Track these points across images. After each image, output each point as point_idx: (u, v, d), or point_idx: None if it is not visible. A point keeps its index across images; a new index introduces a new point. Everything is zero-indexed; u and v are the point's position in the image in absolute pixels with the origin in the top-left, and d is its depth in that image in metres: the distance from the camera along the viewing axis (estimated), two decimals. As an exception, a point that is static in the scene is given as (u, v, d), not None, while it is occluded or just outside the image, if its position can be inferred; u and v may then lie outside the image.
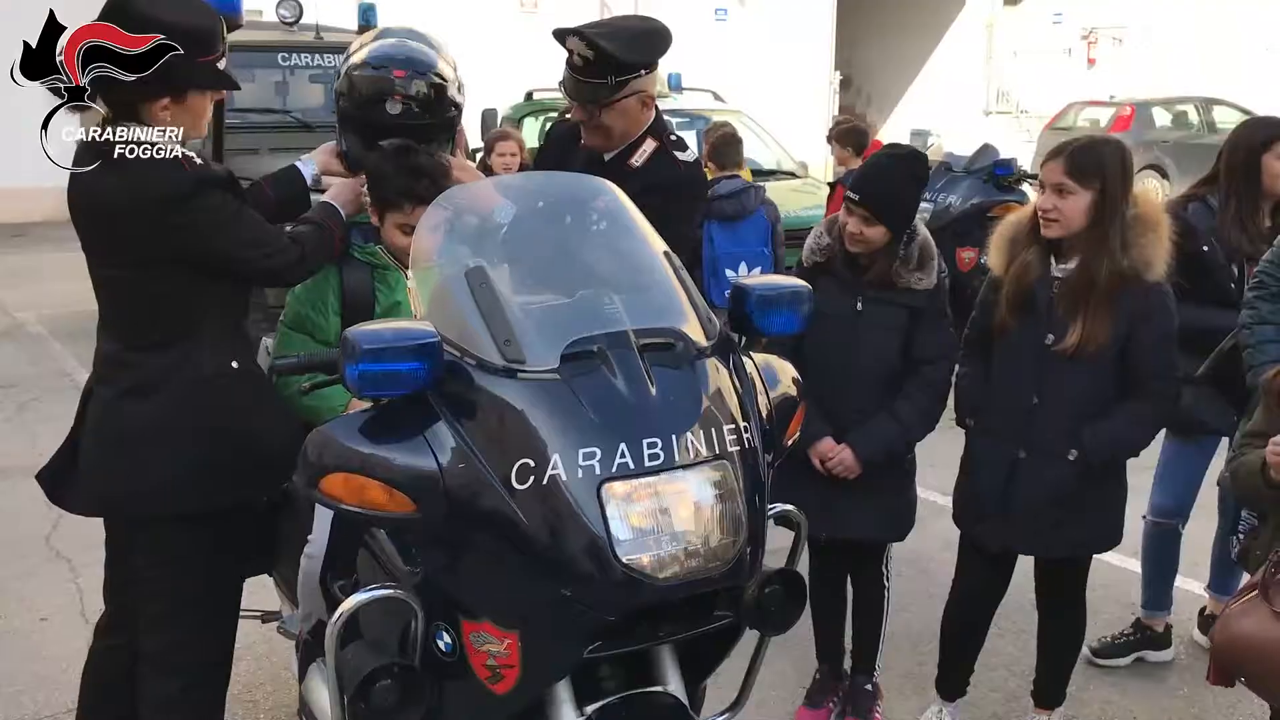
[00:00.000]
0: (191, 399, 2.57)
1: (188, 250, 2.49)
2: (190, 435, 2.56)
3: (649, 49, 3.12)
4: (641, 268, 2.35)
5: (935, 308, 3.40)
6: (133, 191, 2.43)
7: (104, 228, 2.50)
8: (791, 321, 2.41)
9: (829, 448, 3.39)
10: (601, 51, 2.99)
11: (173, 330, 2.56)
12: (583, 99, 3.12)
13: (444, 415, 2.09)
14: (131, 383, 2.58)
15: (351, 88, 3.00)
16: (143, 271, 2.51)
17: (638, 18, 3.21)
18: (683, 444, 2.06)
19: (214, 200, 2.48)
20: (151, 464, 2.56)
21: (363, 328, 2.06)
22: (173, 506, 2.58)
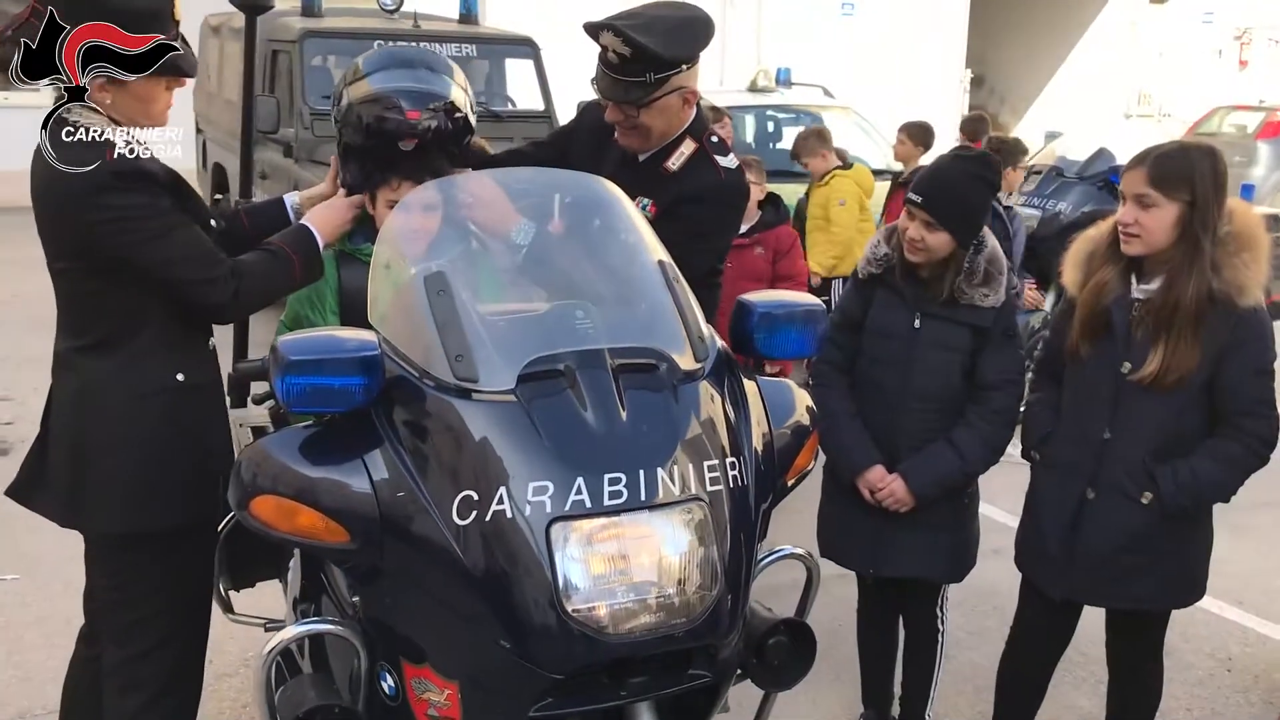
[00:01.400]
0: (135, 414, 2.39)
1: (103, 251, 2.31)
2: (134, 453, 2.40)
3: (691, 42, 2.81)
4: (630, 278, 2.11)
5: (1002, 328, 3.07)
6: (52, 178, 2.28)
7: (37, 214, 2.37)
8: (801, 345, 2.14)
9: (879, 477, 3.08)
10: (639, 48, 2.67)
11: (111, 333, 2.38)
12: (619, 99, 2.81)
13: (386, 436, 1.88)
14: (78, 386, 2.43)
15: (358, 122, 2.66)
16: (75, 266, 2.36)
17: (674, 4, 2.88)
18: (653, 481, 1.82)
19: (131, 200, 2.25)
20: (95, 479, 2.42)
21: (295, 335, 1.87)
22: (116, 525, 2.44)
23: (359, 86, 2.66)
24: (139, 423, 2.40)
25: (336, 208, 2.63)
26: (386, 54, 2.78)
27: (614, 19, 2.73)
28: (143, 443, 2.40)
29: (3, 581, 4.43)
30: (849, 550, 3.22)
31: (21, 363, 7.20)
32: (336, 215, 2.61)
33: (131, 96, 2.31)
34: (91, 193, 2.22)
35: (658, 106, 2.81)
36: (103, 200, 2.23)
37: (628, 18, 2.75)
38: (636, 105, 2.80)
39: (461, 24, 8.69)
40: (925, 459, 3.05)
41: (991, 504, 3.33)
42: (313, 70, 7.77)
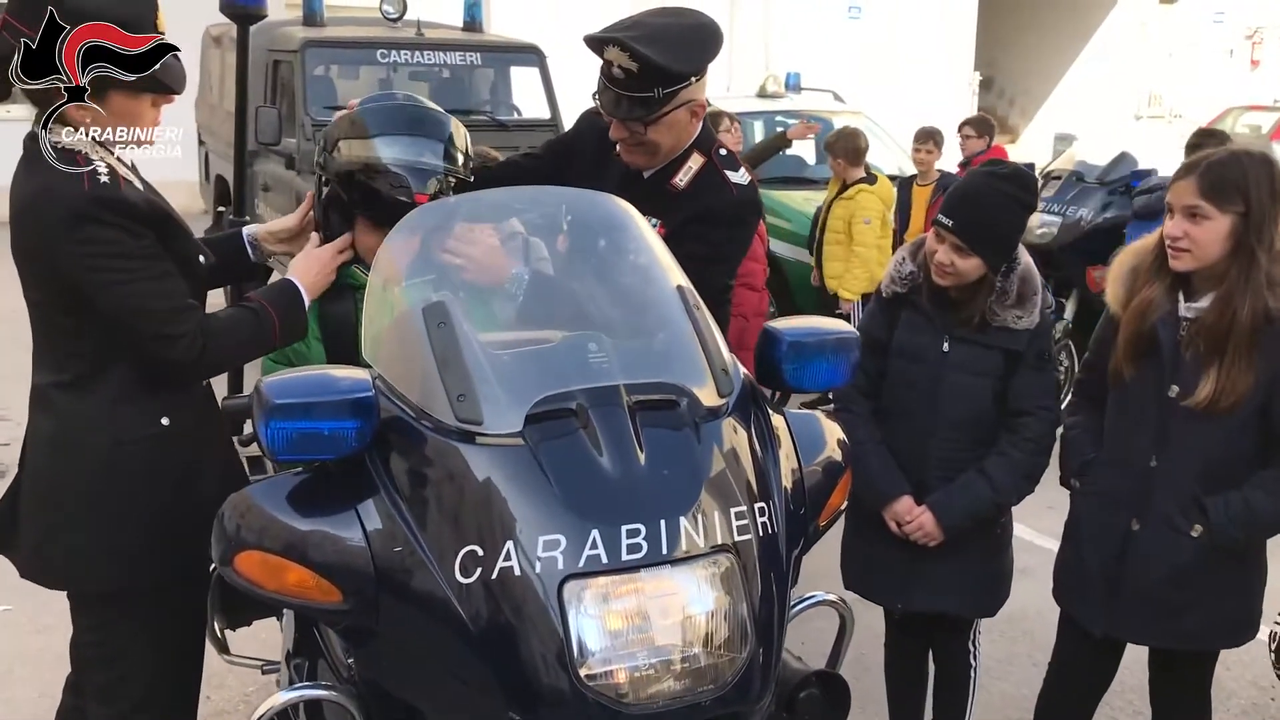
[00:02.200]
0: (113, 464, 2.22)
1: (73, 286, 2.14)
2: (112, 507, 2.23)
3: (700, 53, 2.63)
4: (647, 306, 1.95)
5: (1037, 351, 2.88)
6: (28, 201, 2.12)
7: (13, 239, 2.20)
8: (833, 375, 1.97)
9: (906, 509, 2.90)
10: (647, 62, 2.48)
11: (88, 371, 2.21)
12: (625, 116, 2.61)
13: (382, 484, 1.71)
14: (53, 430, 2.26)
15: (350, 181, 2.46)
16: (48, 298, 2.20)
17: (677, 11, 2.68)
18: (674, 532, 1.65)
19: (105, 235, 2.07)
20: (68, 535, 2.25)
21: (280, 375, 1.70)
22: (91, 584, 2.29)
23: (361, 145, 2.45)
24: (118, 473, 2.22)
25: (320, 258, 2.41)
26: (391, 113, 2.54)
27: (618, 31, 2.53)
28: (121, 496, 2.22)
29: (-8, 612, 4.28)
30: (876, 584, 3.05)
31: (17, 380, 7.01)
32: (321, 265, 2.41)
33: (113, 115, 2.14)
34: (67, 221, 2.06)
35: (665, 122, 2.63)
36: (77, 231, 2.06)
37: (631, 29, 2.55)
38: (643, 122, 2.61)
39: (465, 32, 8.52)
40: (956, 490, 2.87)
41: (1020, 522, 3.14)
42: (314, 80, 7.62)
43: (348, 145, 2.46)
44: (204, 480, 2.30)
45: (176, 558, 2.27)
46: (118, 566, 2.25)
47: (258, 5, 3.16)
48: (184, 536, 2.22)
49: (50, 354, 2.26)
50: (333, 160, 2.48)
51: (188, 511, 2.23)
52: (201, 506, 2.24)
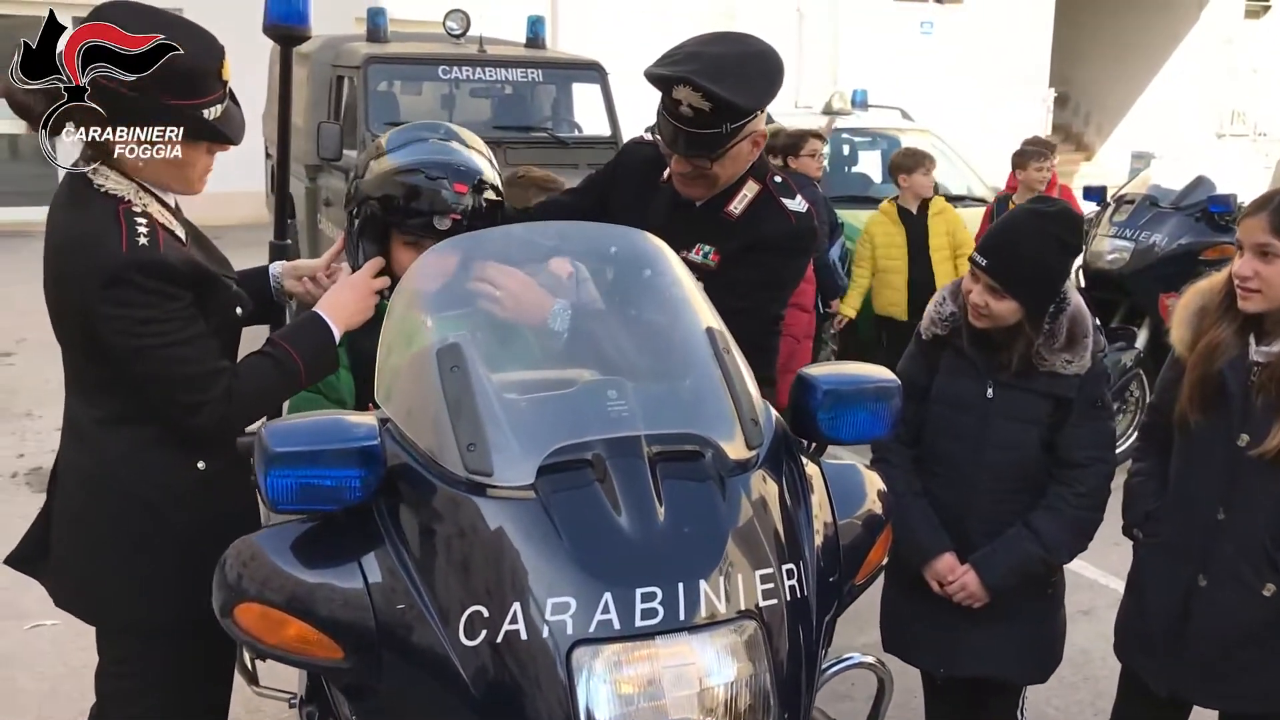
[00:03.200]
0: (147, 506, 2.17)
1: (104, 344, 2.05)
2: (146, 546, 2.19)
3: (768, 86, 2.54)
4: (672, 349, 1.85)
5: (1089, 398, 2.70)
6: (64, 248, 2.07)
7: (45, 275, 2.16)
8: (873, 425, 1.85)
9: (948, 568, 2.74)
10: (719, 101, 2.39)
11: (121, 411, 2.15)
12: (693, 154, 2.53)
13: (387, 536, 1.64)
14: (88, 463, 2.22)
15: (389, 193, 2.40)
16: (78, 344, 2.15)
17: (733, 39, 2.59)
18: (694, 596, 1.55)
19: (140, 300, 2.01)
20: (100, 573, 2.21)
21: (282, 421, 1.63)
22: (121, 619, 2.24)
23: (391, 159, 2.41)
24: (150, 514, 2.18)
25: (355, 289, 2.28)
26: (417, 129, 2.52)
27: (683, 68, 2.41)
28: (152, 536, 2.18)
29: (40, 628, 4.29)
30: (916, 646, 2.87)
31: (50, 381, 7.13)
32: (356, 297, 2.28)
33: (166, 161, 2.08)
34: (103, 283, 2.00)
35: (730, 155, 2.54)
36: (111, 293, 1.99)
37: (693, 62, 2.44)
38: (709, 158, 2.53)
39: (528, 48, 8.51)
40: (1001, 548, 2.70)
41: (1083, 559, 2.96)
42: (377, 96, 7.64)
43: (377, 163, 2.43)
44: (241, 525, 2.21)
45: (206, 598, 2.22)
46: (146, 605, 2.22)
47: (301, 26, 3.10)
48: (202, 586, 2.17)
49: (82, 390, 2.22)
50: (363, 184, 2.43)
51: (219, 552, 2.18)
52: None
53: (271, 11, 3.04)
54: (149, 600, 2.21)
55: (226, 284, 2.23)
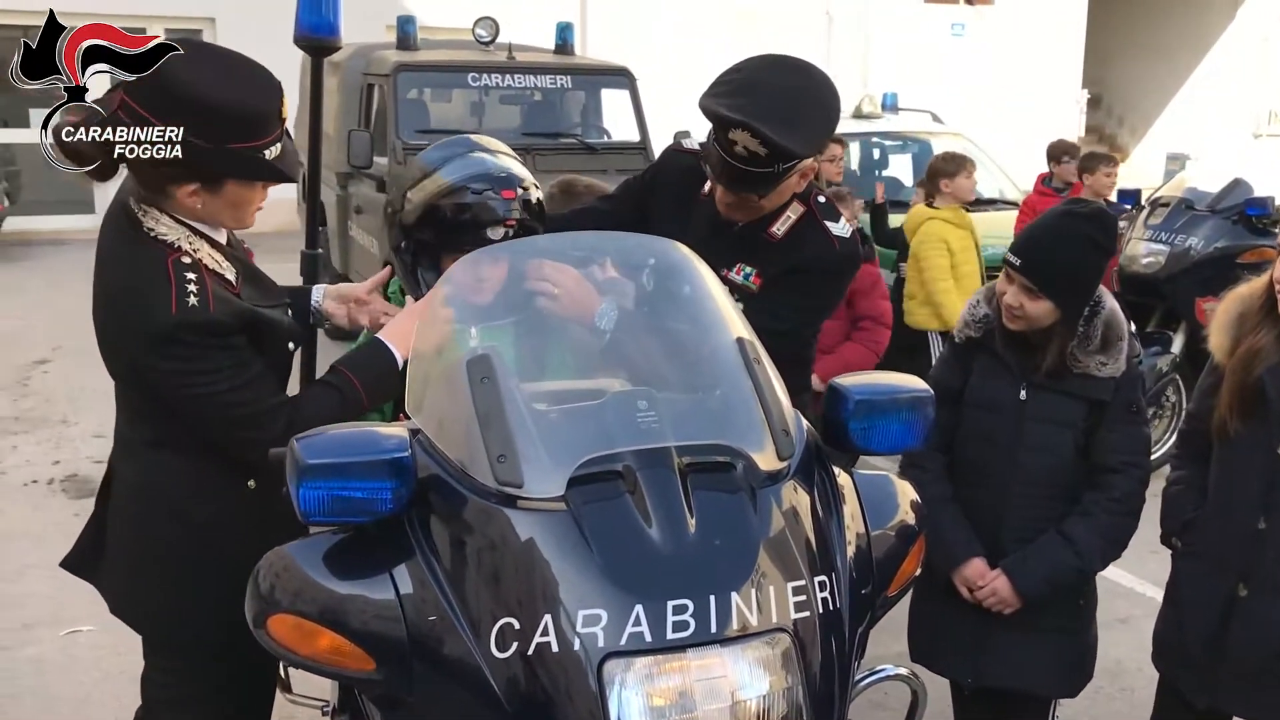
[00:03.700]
0: (198, 523, 2.19)
1: (157, 391, 2.07)
2: (196, 562, 2.20)
3: (826, 130, 2.48)
4: (702, 360, 1.84)
5: (1124, 402, 2.67)
6: (111, 295, 2.07)
7: (95, 305, 2.16)
8: (906, 436, 1.83)
9: (978, 573, 2.70)
10: (777, 148, 2.33)
11: (172, 434, 2.15)
12: (746, 191, 2.48)
13: (418, 547, 1.63)
14: (138, 478, 2.22)
15: (438, 216, 2.37)
16: (126, 381, 2.17)
17: (794, 71, 2.45)
18: (726, 609, 1.54)
19: (188, 354, 2.01)
20: (151, 585, 2.23)
21: (313, 434, 1.63)
22: (172, 636, 2.27)
23: (432, 181, 2.38)
24: (200, 530, 2.19)
25: (417, 312, 2.22)
26: (451, 144, 2.49)
27: (742, 105, 2.33)
28: (202, 552, 2.19)
29: (75, 634, 4.33)
30: (945, 656, 2.83)
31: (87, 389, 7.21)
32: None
33: (224, 202, 2.09)
34: (150, 343, 2.00)
35: (779, 190, 2.50)
36: (161, 350, 2.00)
37: (747, 94, 2.35)
38: (760, 195, 2.49)
39: (557, 55, 8.53)
40: (1034, 553, 2.66)
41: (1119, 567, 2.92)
42: (407, 104, 7.68)
43: (418, 190, 2.40)
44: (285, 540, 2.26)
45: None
46: (196, 624, 2.23)
47: (331, 37, 3.12)
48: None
49: (131, 413, 2.23)
50: (406, 215, 2.41)
51: None
52: None
53: (302, 23, 3.06)
54: (199, 619, 2.22)
55: (279, 321, 2.21)
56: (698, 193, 2.67)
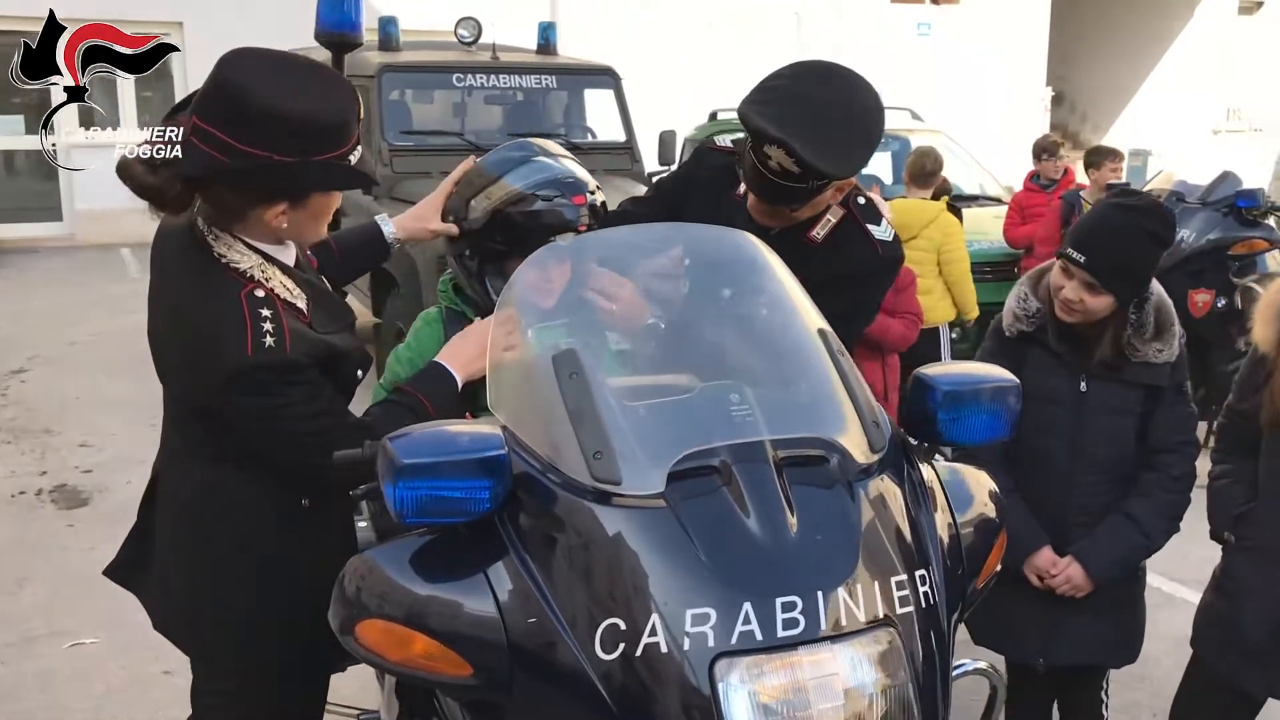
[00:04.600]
0: (249, 543, 2.11)
1: (227, 424, 2.00)
2: (254, 586, 2.12)
3: (867, 153, 2.38)
4: (787, 352, 1.81)
5: (1177, 384, 2.72)
6: (181, 326, 1.99)
7: (151, 330, 2.09)
8: (994, 427, 1.82)
9: (1049, 562, 2.73)
10: (812, 170, 2.24)
11: (225, 450, 2.08)
12: (776, 202, 2.41)
13: (512, 547, 1.59)
14: (192, 496, 2.14)
15: (509, 223, 2.32)
16: (190, 410, 2.10)
17: (840, 86, 2.34)
18: (833, 605, 1.51)
19: (262, 392, 1.93)
20: (201, 607, 2.16)
21: (405, 433, 1.58)
22: (222, 659, 2.20)
23: (498, 189, 2.33)
24: (254, 554, 2.11)
25: (479, 340, 2.15)
26: (512, 149, 2.43)
27: (783, 121, 2.22)
28: (252, 576, 2.11)
29: (79, 646, 4.24)
30: (1014, 640, 2.87)
31: (99, 406, 7.09)
32: (478, 350, 2.14)
33: (309, 214, 2.01)
34: (226, 383, 1.91)
35: (813, 203, 2.44)
36: (237, 390, 1.91)
37: (790, 107, 2.25)
38: (793, 209, 2.43)
39: (540, 54, 8.47)
40: (1104, 538, 2.70)
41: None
42: (391, 105, 7.60)
43: (482, 197, 2.35)
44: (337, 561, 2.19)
45: (311, 640, 2.12)
46: (248, 646, 2.16)
47: (354, 33, 3.08)
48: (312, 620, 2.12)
49: (183, 427, 2.14)
50: (471, 223, 2.36)
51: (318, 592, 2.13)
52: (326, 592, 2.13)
53: (323, 19, 3.02)
54: (251, 641, 2.15)
55: (350, 350, 2.13)
56: (732, 193, 2.62)
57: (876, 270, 2.55)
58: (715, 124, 10.70)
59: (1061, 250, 2.66)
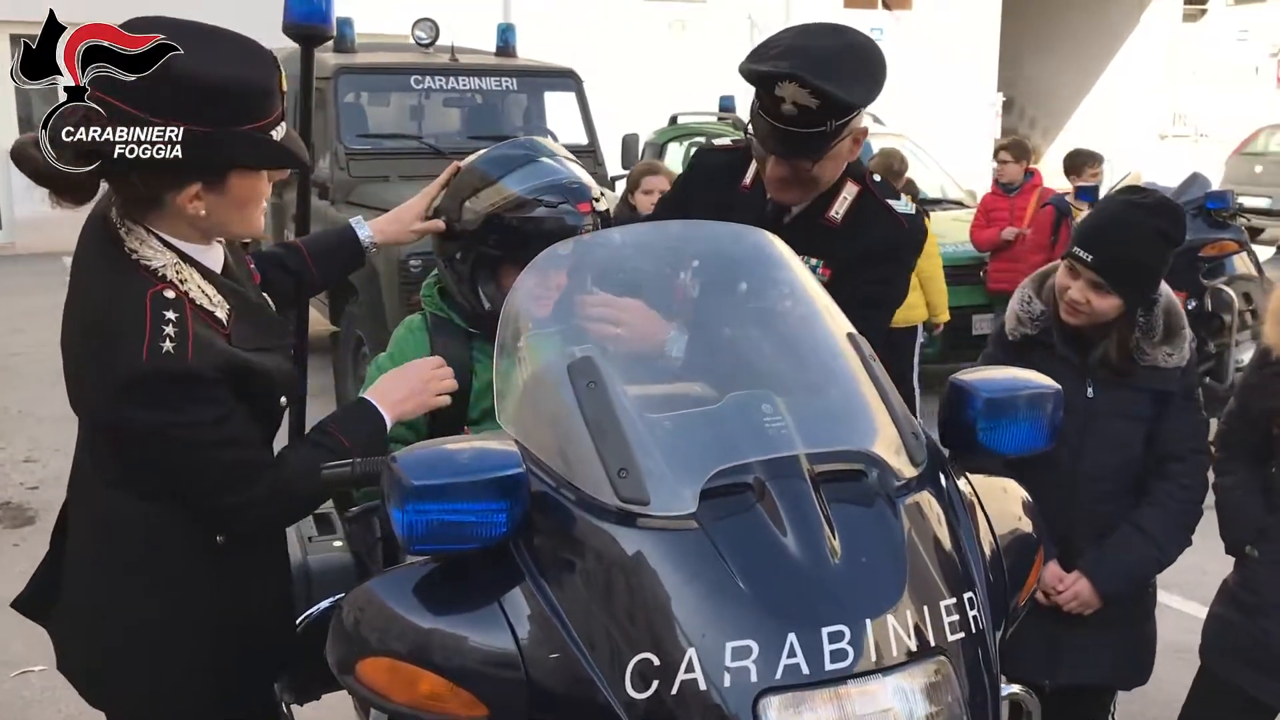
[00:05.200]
0: (165, 586, 1.88)
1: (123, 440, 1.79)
2: (165, 634, 1.90)
3: (878, 80, 2.29)
4: (816, 357, 1.68)
5: (1186, 390, 2.61)
6: (80, 333, 1.79)
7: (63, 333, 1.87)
8: (1036, 436, 1.70)
9: (1055, 576, 2.61)
10: (829, 98, 2.16)
11: (129, 475, 1.85)
12: (797, 155, 2.29)
13: (529, 575, 1.45)
14: (101, 531, 1.92)
15: (507, 227, 2.17)
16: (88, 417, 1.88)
17: (830, 30, 2.30)
18: (883, 634, 1.38)
19: (159, 406, 1.71)
20: (113, 657, 1.93)
21: (414, 450, 1.44)
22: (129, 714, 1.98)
23: (496, 192, 2.17)
24: (165, 598, 1.88)
25: (411, 381, 2.02)
26: (509, 148, 2.28)
27: (794, 69, 2.16)
28: (164, 622, 1.89)
29: (27, 674, 4.02)
30: (1018, 659, 2.72)
31: (43, 419, 6.82)
32: (410, 391, 2.00)
33: (230, 201, 1.79)
34: (118, 390, 1.70)
35: (832, 155, 2.32)
36: (129, 398, 1.70)
37: (791, 56, 2.20)
38: (813, 160, 2.31)
39: (499, 56, 8.31)
40: (1112, 551, 2.58)
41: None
42: (347, 108, 7.40)
43: (477, 199, 2.18)
44: (262, 606, 1.98)
45: (230, 693, 1.96)
46: (160, 703, 1.94)
47: (324, 25, 2.89)
48: (235, 674, 1.94)
49: (92, 449, 1.92)
50: (466, 225, 2.19)
51: (245, 644, 1.94)
52: (251, 633, 1.95)
53: (293, 10, 2.83)
54: (163, 698, 1.93)
55: (272, 370, 1.89)
56: (737, 186, 2.50)
57: (902, 246, 2.45)
58: (675, 128, 10.61)
59: (1068, 249, 2.56)
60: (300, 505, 1.93)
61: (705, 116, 10.70)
